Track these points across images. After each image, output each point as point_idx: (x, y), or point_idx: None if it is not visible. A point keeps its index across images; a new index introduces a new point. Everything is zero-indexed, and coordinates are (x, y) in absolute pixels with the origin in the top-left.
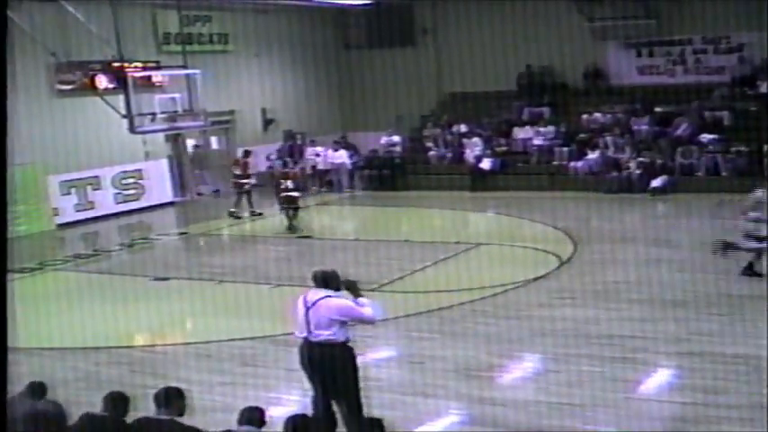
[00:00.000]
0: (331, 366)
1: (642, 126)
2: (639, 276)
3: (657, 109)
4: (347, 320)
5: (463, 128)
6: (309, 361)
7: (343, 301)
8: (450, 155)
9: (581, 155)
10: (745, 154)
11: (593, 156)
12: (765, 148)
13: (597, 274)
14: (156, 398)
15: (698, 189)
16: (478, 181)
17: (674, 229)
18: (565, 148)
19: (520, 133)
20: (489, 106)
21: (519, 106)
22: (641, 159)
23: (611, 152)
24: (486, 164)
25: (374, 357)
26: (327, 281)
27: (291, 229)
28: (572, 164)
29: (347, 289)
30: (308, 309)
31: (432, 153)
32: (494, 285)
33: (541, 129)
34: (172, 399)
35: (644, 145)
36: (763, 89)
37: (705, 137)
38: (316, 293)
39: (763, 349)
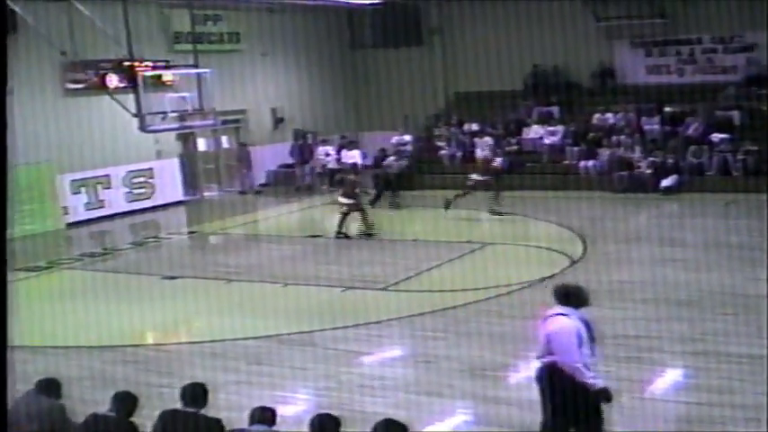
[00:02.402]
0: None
1: (653, 125)
2: (649, 276)
3: (667, 108)
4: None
5: (474, 126)
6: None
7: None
8: (460, 154)
9: (591, 154)
10: (755, 153)
11: (603, 155)
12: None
13: (607, 273)
14: (183, 392)
15: (708, 189)
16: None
17: (684, 228)
18: (575, 148)
19: (530, 133)
20: (498, 106)
21: (528, 106)
22: (652, 159)
23: (621, 152)
24: (498, 163)
25: (383, 356)
26: (568, 296)
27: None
28: (582, 163)
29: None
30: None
31: (443, 152)
32: (503, 285)
33: (551, 128)
34: (198, 394)
35: (654, 144)
36: None
37: (716, 136)
38: (553, 309)
39: None
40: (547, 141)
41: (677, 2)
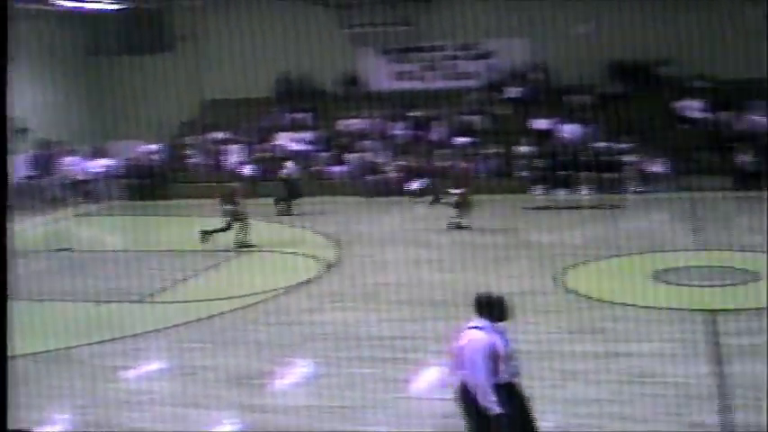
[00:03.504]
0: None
1: (399, 131)
2: (404, 278)
3: (413, 114)
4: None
5: (222, 135)
6: None
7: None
8: (209, 162)
9: (340, 160)
10: (498, 156)
11: (352, 160)
12: (515, 149)
13: (363, 276)
14: None
15: None
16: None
17: (434, 230)
18: (324, 153)
19: (280, 139)
20: (249, 113)
21: (278, 112)
22: (399, 163)
23: (369, 157)
24: (247, 170)
25: (145, 370)
26: (488, 307)
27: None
28: (332, 168)
29: None
30: (459, 348)
31: (191, 161)
32: (262, 292)
33: (301, 135)
34: None
35: (401, 149)
36: (511, 94)
37: (459, 140)
38: (471, 322)
39: (525, 343)
40: (295, 148)
41: (421, 9)
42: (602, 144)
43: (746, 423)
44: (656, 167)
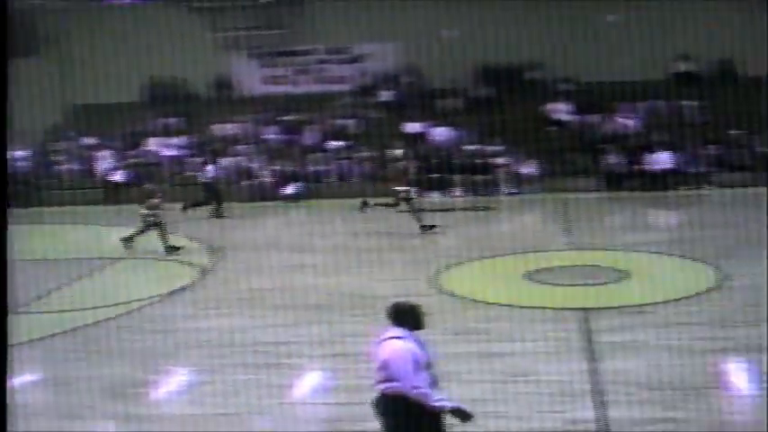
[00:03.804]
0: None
1: (271, 135)
2: (282, 282)
3: (285, 118)
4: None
5: (92, 140)
6: None
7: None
8: (78, 168)
9: (213, 165)
10: (372, 159)
11: (225, 165)
12: (389, 153)
13: (240, 282)
14: None
15: (330, 195)
16: (111, 194)
17: (311, 234)
18: (197, 159)
19: (151, 144)
20: (118, 118)
21: (148, 118)
22: (273, 168)
23: (243, 161)
24: (118, 176)
25: (17, 382)
26: (404, 316)
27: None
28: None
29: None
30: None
31: (60, 167)
32: (137, 300)
33: (172, 140)
34: None
35: (274, 153)
36: (383, 98)
37: (333, 144)
38: (387, 332)
39: None
40: (168, 153)
41: (293, 13)
42: (473, 147)
43: (620, 418)
44: (527, 169)
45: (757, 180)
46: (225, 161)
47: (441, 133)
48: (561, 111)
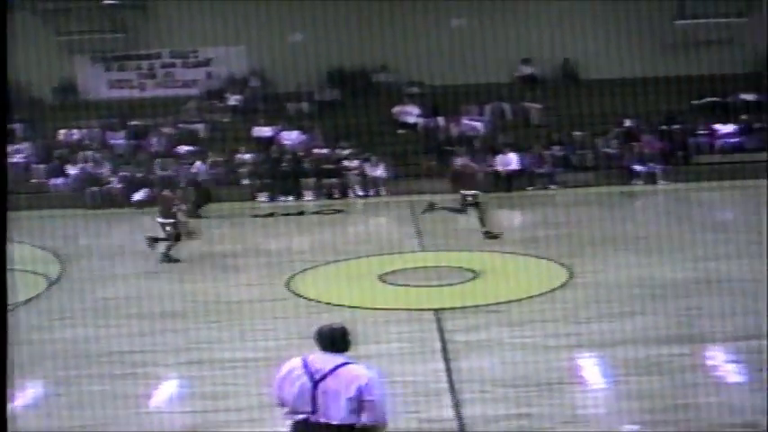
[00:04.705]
0: None
1: (118, 140)
2: (134, 291)
3: (132, 123)
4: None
5: None
6: None
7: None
8: None
9: (60, 171)
10: (222, 164)
11: (72, 172)
12: (239, 157)
13: (91, 291)
14: None
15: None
16: None
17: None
18: (42, 166)
19: None
20: None
21: None
22: (122, 173)
23: (90, 168)
24: None
25: None
26: (343, 340)
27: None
28: (51, 181)
29: None
30: (316, 381)
31: None
32: None
33: (16, 146)
34: None
35: (122, 159)
36: (231, 101)
37: (182, 148)
38: (327, 359)
39: (262, 351)
40: (11, 160)
41: (137, 16)
42: (323, 150)
43: (476, 415)
44: (377, 172)
45: (600, 180)
46: (71, 168)
47: (290, 137)
48: (409, 113)
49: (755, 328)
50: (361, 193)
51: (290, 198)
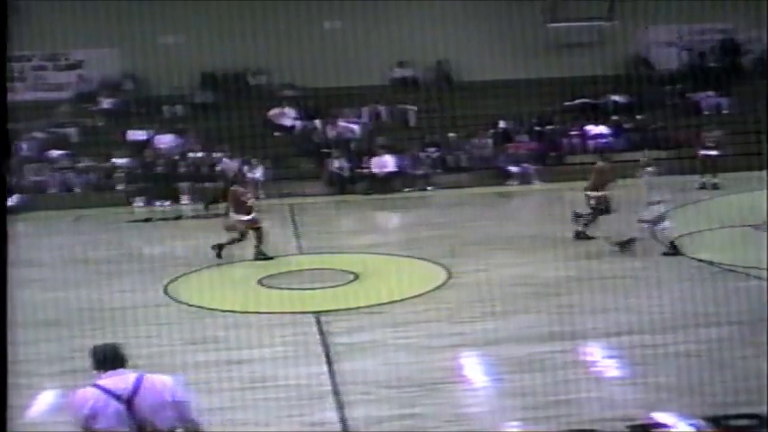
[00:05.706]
0: None
1: None
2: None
3: None
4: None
5: None
6: None
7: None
8: None
9: None
10: (95, 169)
11: None
12: (112, 162)
13: None
14: None
15: (53, 206)
16: None
17: (36, 248)
18: None
19: None
20: None
21: None
22: None
23: None
24: None
25: None
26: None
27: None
28: None
29: None
30: (128, 400)
31: None
32: None
33: None
34: None
35: None
36: (104, 105)
37: (53, 153)
38: (121, 377)
39: (145, 357)
40: None
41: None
42: (199, 154)
43: (361, 417)
44: (254, 175)
45: (475, 181)
46: None
47: (165, 141)
48: (286, 116)
49: (629, 324)
50: None
51: (167, 203)
